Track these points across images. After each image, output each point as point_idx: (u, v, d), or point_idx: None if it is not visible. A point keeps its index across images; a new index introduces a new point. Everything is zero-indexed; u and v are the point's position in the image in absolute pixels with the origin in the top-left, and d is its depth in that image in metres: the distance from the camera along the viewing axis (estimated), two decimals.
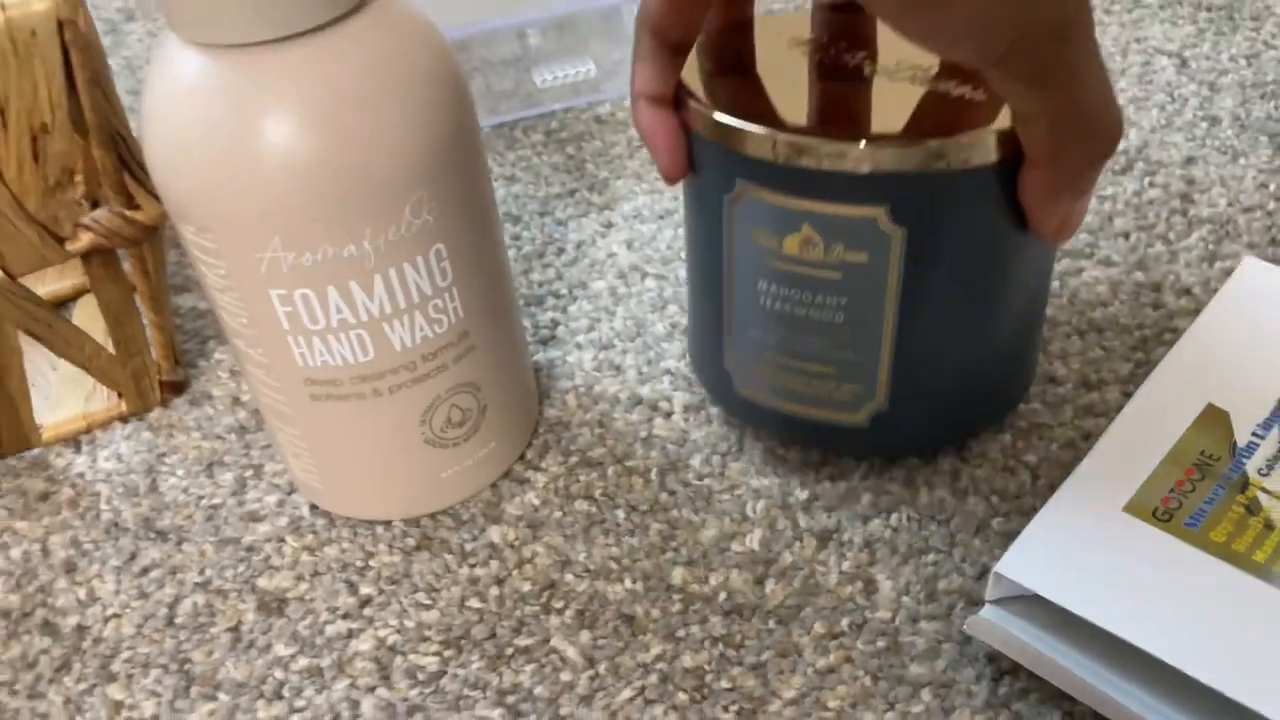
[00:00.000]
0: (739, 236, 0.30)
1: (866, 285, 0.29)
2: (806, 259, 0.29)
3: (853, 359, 0.31)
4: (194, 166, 0.28)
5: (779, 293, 0.30)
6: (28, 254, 0.33)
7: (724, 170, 0.29)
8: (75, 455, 0.39)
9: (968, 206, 0.28)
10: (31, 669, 0.33)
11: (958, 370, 0.31)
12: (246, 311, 0.30)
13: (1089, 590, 0.28)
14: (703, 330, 0.34)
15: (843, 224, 0.28)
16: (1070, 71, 0.24)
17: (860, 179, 0.27)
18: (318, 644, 0.32)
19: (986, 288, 0.30)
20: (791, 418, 0.33)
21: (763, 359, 0.32)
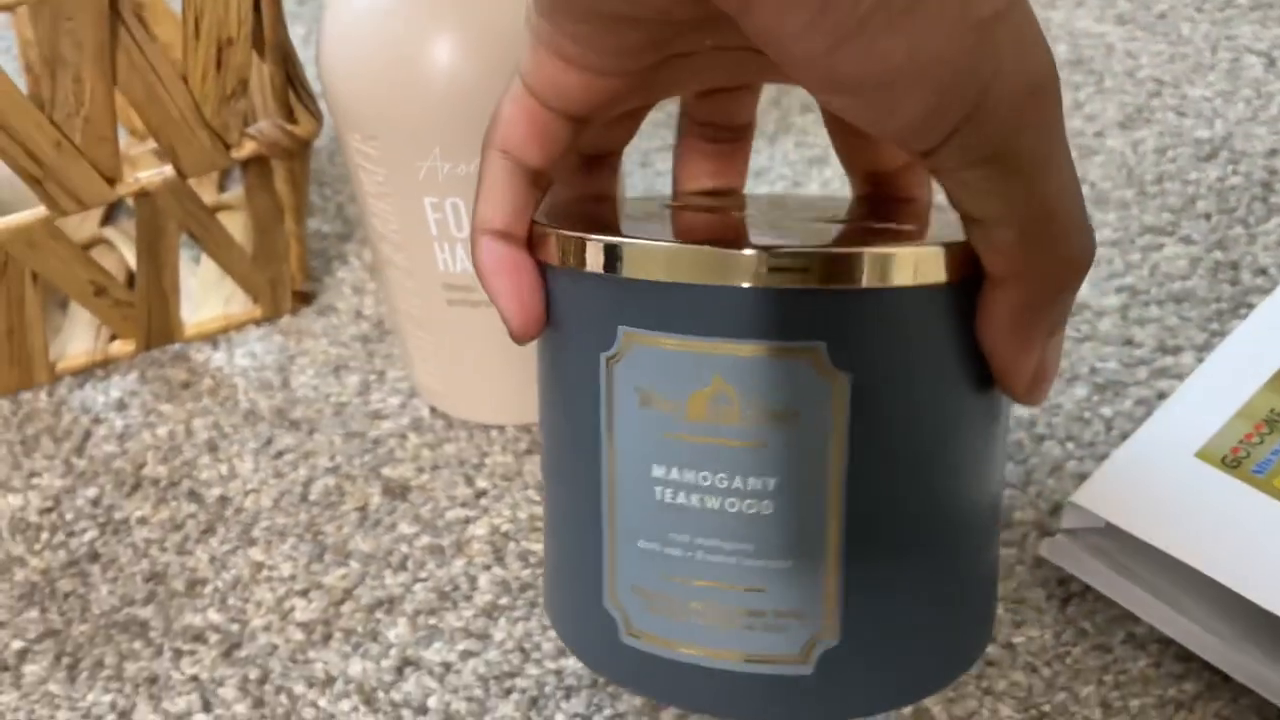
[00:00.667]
0: (622, 407, 0.22)
1: (800, 456, 0.21)
2: (718, 424, 0.21)
3: (787, 570, 0.22)
4: (369, 78, 0.31)
5: (680, 479, 0.22)
6: (199, 157, 0.37)
7: (601, 317, 0.22)
8: (214, 351, 0.43)
9: (930, 340, 0.21)
10: (179, 530, 0.36)
11: (928, 578, 0.23)
12: (399, 217, 0.33)
13: (1159, 522, 0.31)
14: (570, 559, 0.24)
15: (766, 370, 0.20)
16: (1046, 153, 0.19)
17: (789, 302, 0.20)
18: (438, 526, 0.35)
19: (958, 457, 0.22)
20: (703, 671, 0.23)
21: (661, 582, 0.22)
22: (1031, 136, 0.18)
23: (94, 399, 0.41)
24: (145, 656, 0.33)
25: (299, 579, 0.34)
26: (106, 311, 0.40)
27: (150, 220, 0.38)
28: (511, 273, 0.23)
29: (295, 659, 0.32)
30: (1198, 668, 0.30)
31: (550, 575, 0.25)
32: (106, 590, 0.34)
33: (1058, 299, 0.21)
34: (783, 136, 0.52)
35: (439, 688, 0.31)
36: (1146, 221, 0.45)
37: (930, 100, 0.17)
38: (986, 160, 0.19)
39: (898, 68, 0.17)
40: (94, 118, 0.34)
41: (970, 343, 0.22)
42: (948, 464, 0.22)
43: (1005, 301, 0.21)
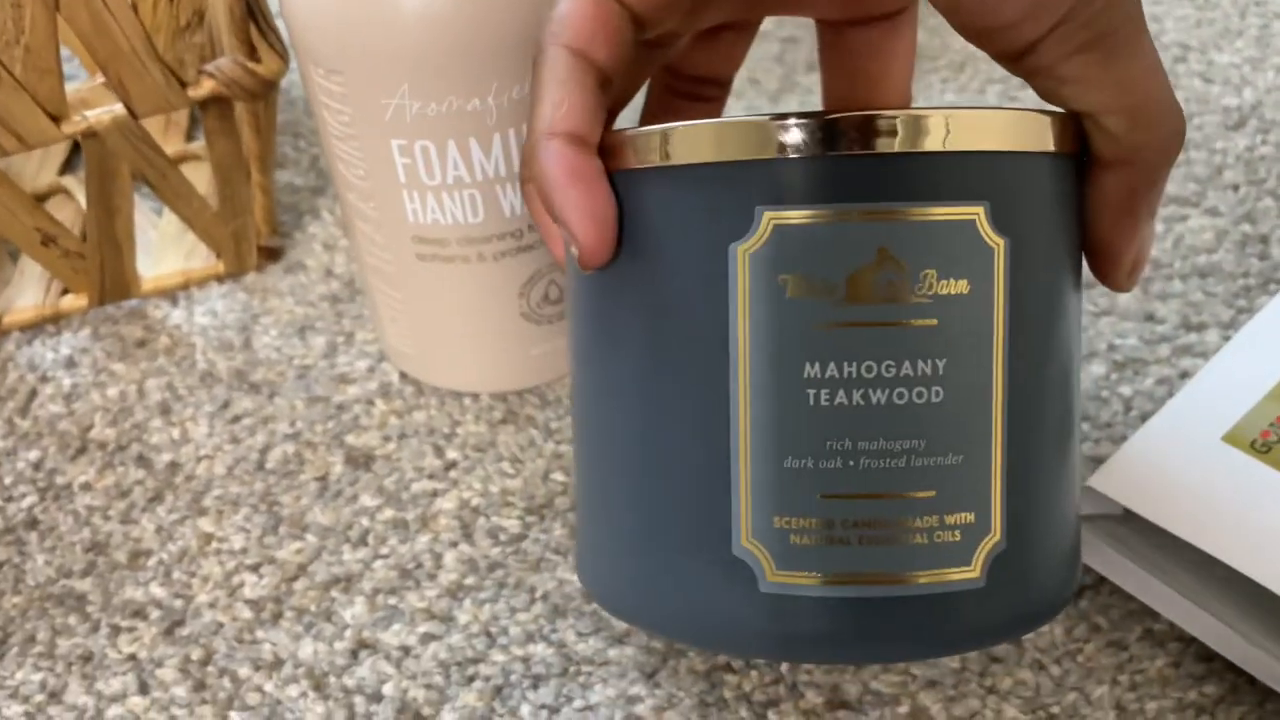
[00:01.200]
0: (761, 303, 0.20)
1: (969, 331, 0.20)
2: (885, 304, 0.19)
3: (957, 466, 0.20)
4: (334, 7, 0.28)
5: (839, 375, 0.20)
6: (152, 94, 0.34)
7: (727, 202, 0.20)
8: (172, 308, 0.40)
9: (1065, 207, 0.21)
10: (125, 497, 0.34)
11: (1066, 468, 0.22)
12: (365, 162, 0.31)
13: (1181, 509, 0.28)
14: (669, 509, 0.21)
15: (936, 235, 0.19)
16: (1135, 34, 0.20)
17: (955, 161, 0.19)
18: (403, 499, 0.33)
19: (1075, 337, 0.22)
20: (871, 606, 0.20)
21: (816, 505, 0.20)
22: (1121, 17, 0.19)
23: (42, 356, 0.38)
24: (80, 633, 0.30)
25: (250, 552, 0.32)
26: (55, 263, 0.38)
27: (100, 163, 0.35)
28: (587, 183, 0.20)
29: (242, 639, 0.30)
30: (1220, 669, 0.28)
31: (620, 544, 0.22)
32: (43, 560, 0.32)
33: (1160, 178, 0.21)
34: (786, 95, 0.49)
35: (396, 673, 0.29)
36: (1171, 191, 0.42)
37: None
38: (1086, 46, 0.19)
39: None
40: (35, 47, 0.31)
41: (1074, 216, 0.22)
42: (1072, 342, 0.22)
43: (1117, 184, 0.21)
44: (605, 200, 0.20)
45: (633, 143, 0.20)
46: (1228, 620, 0.27)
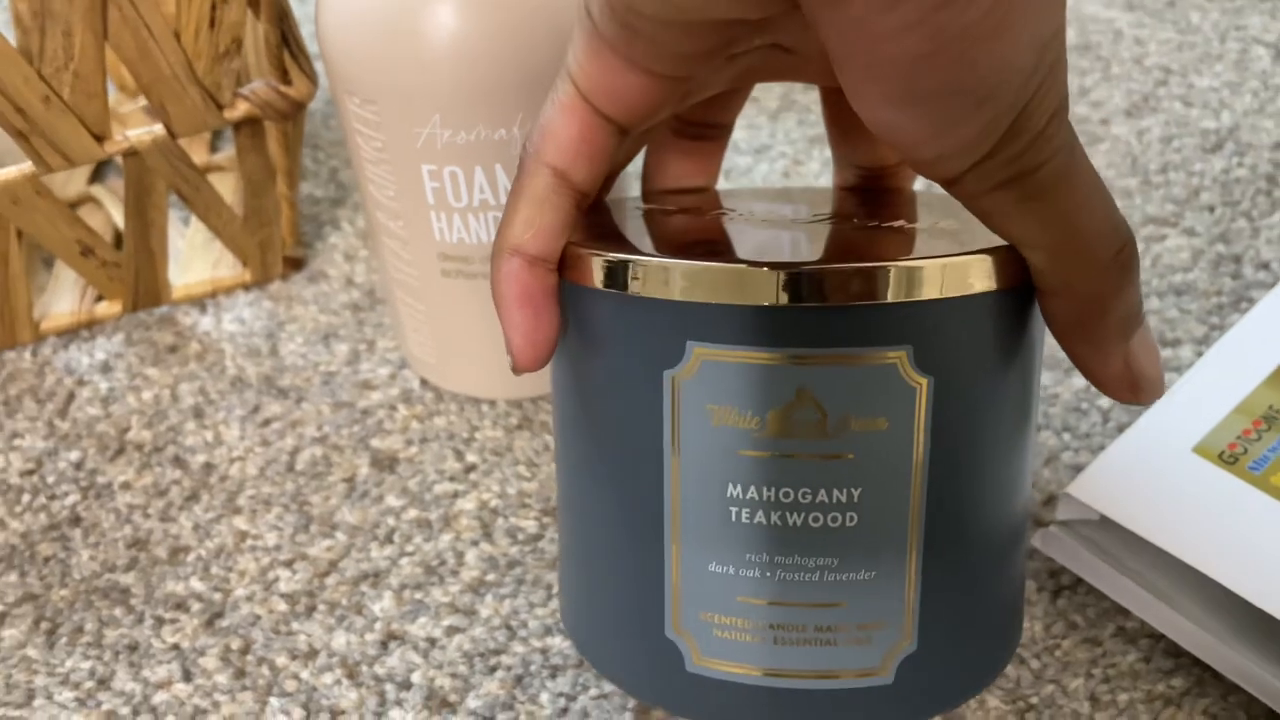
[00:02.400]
0: (690, 426, 0.21)
1: (885, 465, 0.21)
2: (802, 440, 0.21)
3: (869, 581, 0.22)
4: (369, 39, 0.30)
5: (757, 498, 0.21)
6: (190, 116, 0.36)
7: (666, 335, 0.21)
8: (201, 315, 0.42)
9: (1007, 335, 0.22)
10: (163, 496, 0.36)
11: (992, 575, 0.23)
12: (395, 185, 0.33)
13: (1154, 516, 0.30)
14: (619, 591, 0.23)
15: (854, 379, 0.20)
16: (1067, 169, 0.19)
17: (881, 312, 0.20)
18: (426, 500, 0.35)
19: (1015, 457, 0.23)
20: (781, 694, 0.22)
21: (735, 606, 0.22)
22: (1047, 153, 0.19)
23: (78, 360, 0.40)
24: (126, 624, 0.32)
25: (284, 549, 0.34)
26: (93, 272, 0.40)
27: (139, 179, 0.37)
28: (532, 307, 0.22)
29: (278, 630, 0.32)
30: (1187, 663, 0.30)
31: (586, 608, 0.24)
32: (88, 555, 0.34)
33: (1109, 305, 0.21)
34: (785, 114, 0.51)
35: (423, 663, 0.31)
36: (1149, 212, 0.44)
37: (990, 114, 0.17)
38: (1006, 184, 0.19)
39: (980, 78, 0.17)
40: (83, 73, 0.33)
41: (1027, 347, 0.22)
42: (1009, 464, 0.23)
43: (1060, 314, 0.21)
44: (547, 324, 0.22)
45: (588, 263, 0.22)
46: (1195, 619, 0.29)
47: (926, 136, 0.18)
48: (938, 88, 0.17)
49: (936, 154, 0.18)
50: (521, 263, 0.22)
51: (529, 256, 0.22)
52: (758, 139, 0.50)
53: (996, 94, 0.17)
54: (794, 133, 0.50)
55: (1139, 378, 0.22)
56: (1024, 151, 0.18)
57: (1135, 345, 0.21)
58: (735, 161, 0.49)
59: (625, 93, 0.21)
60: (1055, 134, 0.19)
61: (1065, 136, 0.19)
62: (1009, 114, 0.18)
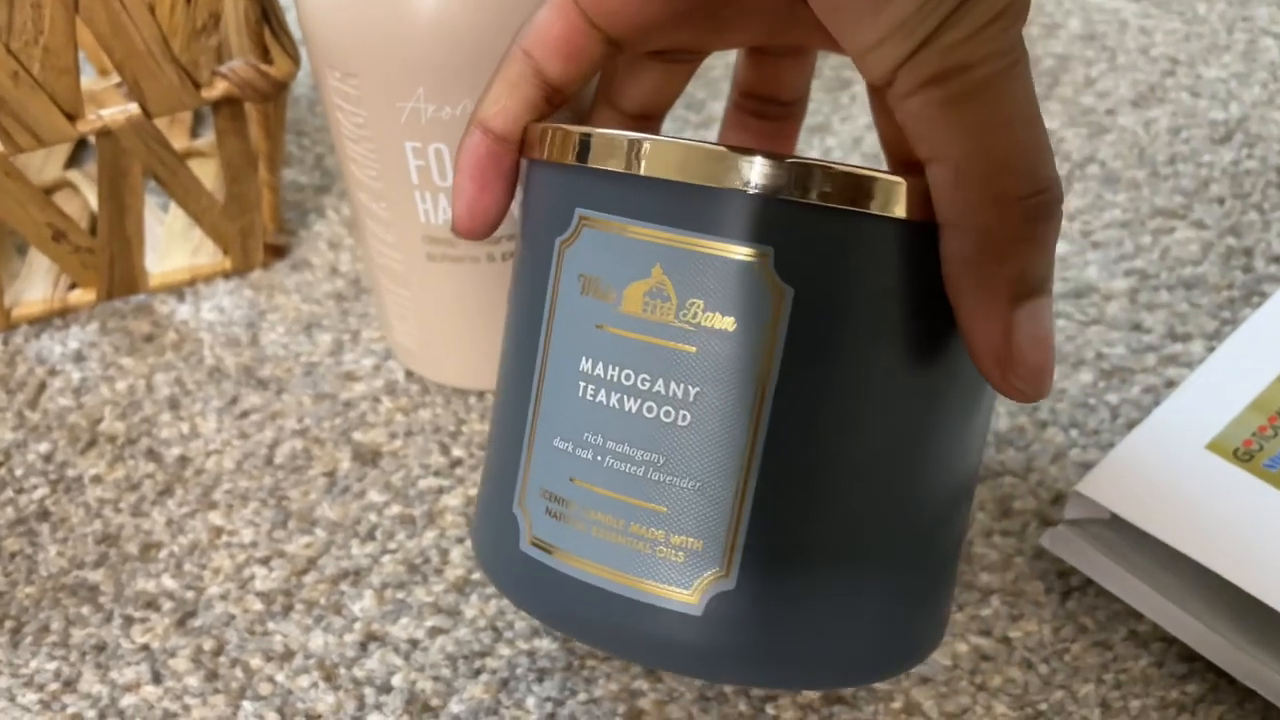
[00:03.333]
0: (565, 293, 0.21)
1: (728, 369, 0.20)
2: (650, 320, 0.20)
3: (692, 490, 0.20)
4: (351, 11, 0.28)
5: (603, 375, 0.21)
6: (166, 94, 0.35)
7: (561, 200, 0.22)
8: (179, 304, 0.40)
9: (886, 277, 0.20)
10: (135, 490, 0.34)
11: (855, 548, 0.21)
12: (378, 163, 0.31)
13: (1166, 515, 0.29)
14: (493, 462, 0.24)
15: (708, 267, 0.20)
16: (1001, 85, 0.18)
17: (743, 202, 0.20)
18: (410, 495, 0.34)
19: (911, 420, 0.21)
20: (590, 591, 0.21)
21: (567, 486, 0.21)
22: (985, 53, 0.18)
23: (51, 349, 0.39)
24: (94, 623, 0.31)
25: (260, 546, 0.32)
26: (65, 257, 0.38)
27: (113, 161, 0.36)
28: (480, 179, 0.23)
29: (253, 630, 0.30)
30: (1202, 669, 0.29)
31: (480, 483, 0.25)
32: (55, 551, 0.33)
33: (1010, 252, 0.19)
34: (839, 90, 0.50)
35: (405, 665, 0.29)
36: (1158, 204, 0.43)
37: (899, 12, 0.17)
38: (934, 79, 0.18)
39: None
40: (54, 47, 0.32)
41: (938, 298, 0.20)
42: (896, 424, 0.21)
43: (951, 250, 0.19)
44: (490, 198, 0.23)
45: (529, 134, 0.23)
46: (1209, 622, 0.28)
47: (867, 8, 0.18)
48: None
49: (876, 35, 0.18)
50: (481, 137, 0.23)
51: (491, 134, 0.23)
52: None
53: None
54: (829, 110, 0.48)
55: (1016, 358, 0.20)
56: (960, 43, 0.17)
57: (1023, 316, 0.19)
58: None
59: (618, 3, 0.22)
60: (997, 37, 0.18)
61: (1009, 44, 0.18)
62: (930, 17, 0.17)
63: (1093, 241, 0.42)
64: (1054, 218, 0.19)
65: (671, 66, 0.26)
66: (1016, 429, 0.35)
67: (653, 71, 0.25)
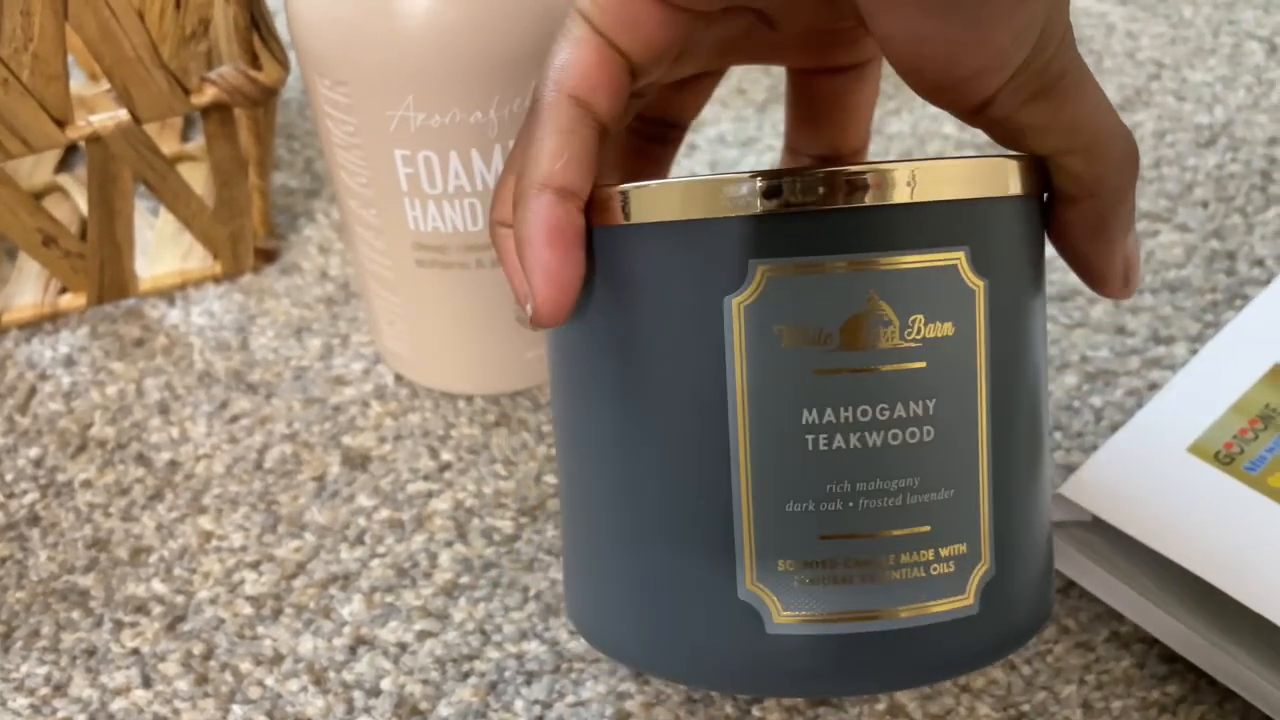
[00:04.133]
0: (756, 350, 0.20)
1: (955, 372, 0.21)
2: (877, 349, 0.20)
3: (948, 500, 0.21)
4: (342, 20, 0.29)
5: (836, 420, 0.20)
6: (155, 101, 0.35)
7: (726, 259, 0.20)
8: (169, 308, 0.41)
9: (1033, 244, 0.23)
10: (125, 495, 0.34)
11: (1044, 495, 0.23)
12: (368, 170, 0.32)
13: (1148, 518, 0.29)
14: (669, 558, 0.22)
15: (920, 281, 0.20)
16: (1078, 72, 0.21)
17: (941, 211, 0.20)
18: (399, 499, 0.34)
19: (1044, 364, 0.24)
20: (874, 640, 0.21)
21: (817, 547, 0.21)
22: (1067, 61, 0.20)
23: (41, 354, 0.39)
24: (84, 627, 0.31)
25: (250, 550, 0.33)
26: (56, 262, 0.38)
27: (102, 166, 0.36)
28: (565, 247, 0.20)
29: (243, 634, 0.30)
30: (1182, 669, 0.29)
31: (614, 590, 0.22)
32: (45, 556, 0.33)
33: (1126, 198, 0.22)
34: (772, 106, 0.50)
35: (393, 669, 0.30)
36: (1143, 207, 0.44)
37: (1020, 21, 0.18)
38: (1040, 94, 0.20)
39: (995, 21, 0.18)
40: (43, 54, 0.32)
41: (1040, 252, 0.23)
42: (1041, 368, 0.23)
43: (1085, 217, 0.22)
44: (576, 266, 0.21)
45: (623, 198, 0.21)
46: (1190, 624, 0.28)
47: (960, 47, 0.18)
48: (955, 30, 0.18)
49: (973, 68, 0.19)
50: (552, 197, 0.20)
51: (560, 190, 0.20)
52: (745, 131, 0.49)
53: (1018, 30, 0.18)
54: (781, 124, 0.49)
55: (1130, 270, 0.24)
56: (1052, 59, 0.20)
57: (1131, 240, 0.23)
58: (723, 154, 0.48)
59: (641, 23, 0.21)
60: (1069, 43, 0.20)
61: (1073, 45, 0.21)
62: (1039, 19, 0.19)
63: None
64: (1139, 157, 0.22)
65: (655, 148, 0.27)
66: None
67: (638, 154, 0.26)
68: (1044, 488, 0.24)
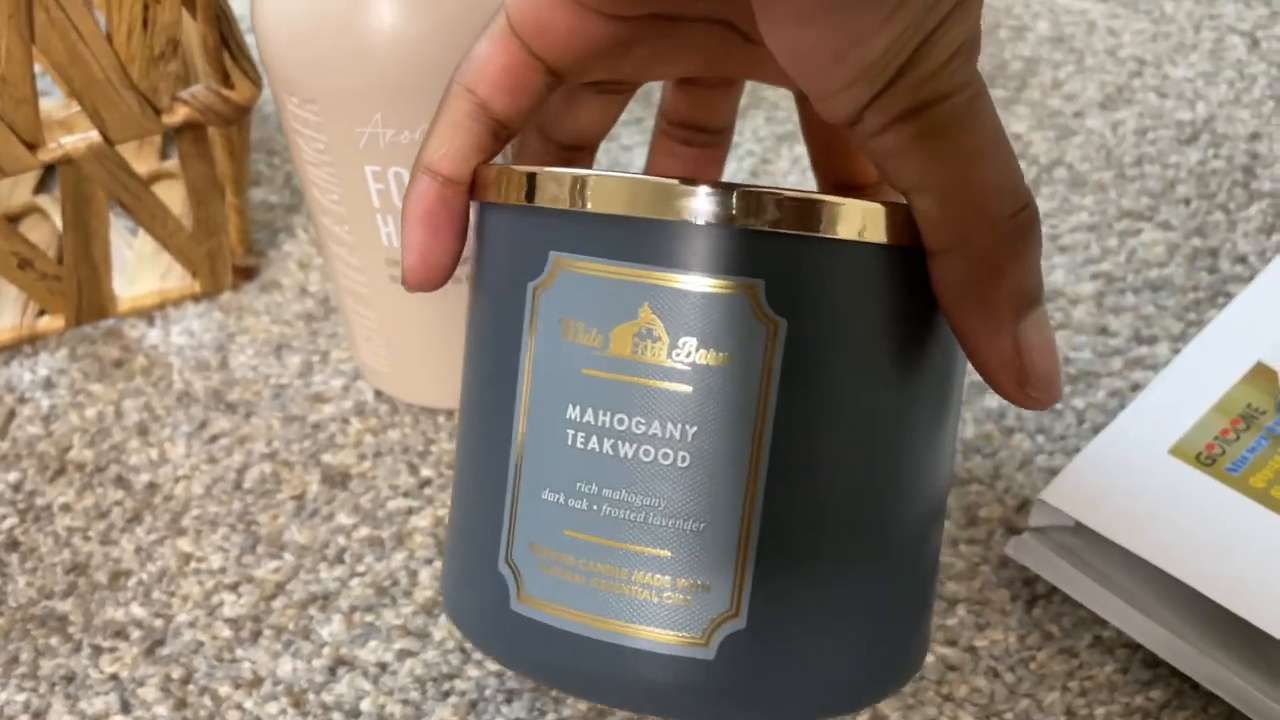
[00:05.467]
0: (543, 339, 0.21)
1: (725, 405, 0.20)
2: (641, 361, 0.20)
3: (697, 533, 0.20)
4: (309, 39, 0.29)
5: (593, 422, 0.20)
6: (126, 122, 0.35)
7: (531, 244, 0.21)
8: (149, 328, 0.40)
9: (873, 303, 0.20)
10: (104, 518, 0.34)
11: (853, 572, 0.21)
12: (339, 187, 0.31)
13: (1130, 522, 0.29)
14: (469, 518, 0.22)
15: (698, 304, 0.19)
16: (967, 113, 0.18)
17: (731, 237, 0.19)
18: (379, 517, 0.34)
19: (898, 441, 0.21)
20: (595, 646, 0.21)
21: (561, 539, 0.21)
22: (952, 86, 0.18)
23: (20, 377, 0.39)
24: (63, 653, 0.31)
25: (229, 572, 0.32)
26: (32, 285, 0.38)
27: (76, 188, 0.36)
28: (431, 225, 0.22)
29: (221, 657, 0.30)
30: (1166, 674, 0.29)
31: (447, 544, 0.23)
32: (24, 582, 0.33)
33: (1002, 271, 0.19)
34: (753, 111, 0.50)
35: (373, 689, 0.29)
36: (1125, 206, 0.43)
37: (896, 29, 0.17)
38: (905, 115, 0.18)
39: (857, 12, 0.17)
40: (11, 78, 0.32)
41: (918, 318, 0.21)
42: (884, 445, 0.21)
43: (945, 275, 0.20)
44: (444, 244, 0.22)
45: (484, 176, 0.22)
46: (1173, 628, 0.28)
47: (831, 57, 0.18)
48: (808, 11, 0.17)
49: (842, 80, 0.18)
50: (430, 181, 0.22)
51: (440, 176, 0.22)
52: None
53: (904, 9, 0.17)
54: (762, 130, 0.49)
55: (1029, 370, 0.20)
56: (926, 80, 0.18)
57: (1028, 328, 0.20)
58: None
59: (554, 27, 0.21)
60: (960, 69, 0.18)
61: (970, 76, 0.18)
62: (915, 34, 0.17)
63: (1059, 245, 0.42)
64: (1038, 228, 0.20)
65: (607, 97, 0.25)
66: (983, 436, 0.35)
67: (588, 103, 0.25)
68: (883, 577, 0.21)
